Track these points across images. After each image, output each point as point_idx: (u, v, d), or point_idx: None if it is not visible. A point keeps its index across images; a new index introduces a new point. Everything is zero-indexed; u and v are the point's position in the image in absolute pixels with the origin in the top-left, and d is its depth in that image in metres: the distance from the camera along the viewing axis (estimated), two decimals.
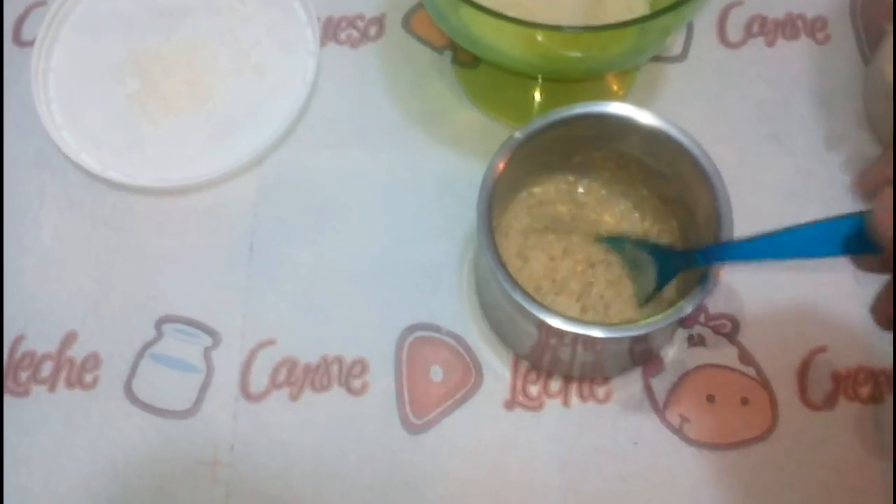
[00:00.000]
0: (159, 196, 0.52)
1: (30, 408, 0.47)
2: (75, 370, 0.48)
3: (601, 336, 0.39)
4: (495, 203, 0.42)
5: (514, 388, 0.47)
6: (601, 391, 0.47)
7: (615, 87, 0.55)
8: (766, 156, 0.52)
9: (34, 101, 0.53)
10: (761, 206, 0.48)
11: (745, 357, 0.47)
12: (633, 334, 0.40)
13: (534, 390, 0.47)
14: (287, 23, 0.56)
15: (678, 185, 0.44)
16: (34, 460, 0.46)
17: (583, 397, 0.47)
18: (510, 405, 0.47)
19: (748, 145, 0.52)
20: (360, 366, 0.48)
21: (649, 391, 0.47)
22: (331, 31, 0.57)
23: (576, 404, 0.47)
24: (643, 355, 0.47)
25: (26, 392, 0.48)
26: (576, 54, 0.43)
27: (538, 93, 0.54)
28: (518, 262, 0.46)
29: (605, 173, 0.47)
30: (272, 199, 0.52)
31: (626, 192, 0.48)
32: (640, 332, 0.40)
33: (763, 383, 0.47)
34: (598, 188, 0.48)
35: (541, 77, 0.53)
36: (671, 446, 0.46)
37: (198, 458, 0.46)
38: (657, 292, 0.44)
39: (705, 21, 0.56)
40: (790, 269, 0.49)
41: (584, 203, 0.48)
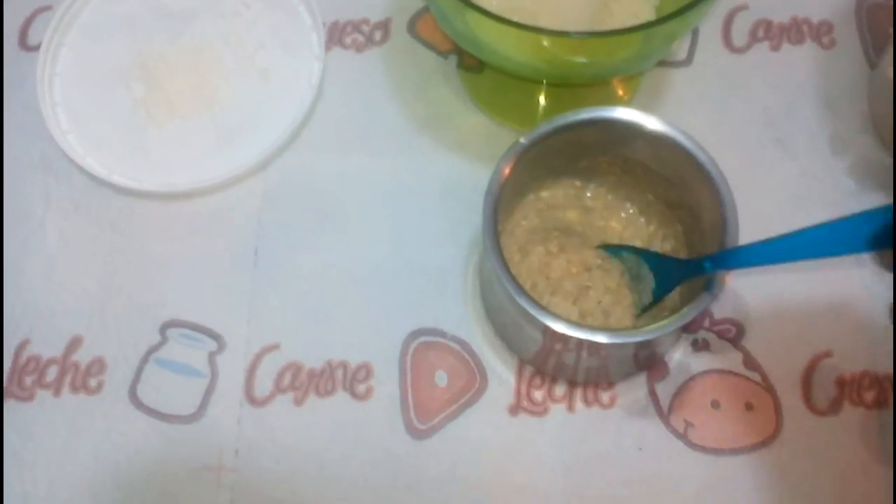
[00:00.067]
0: (164, 200, 0.52)
1: (34, 412, 0.47)
2: (80, 375, 0.48)
3: (606, 341, 0.39)
4: (500, 207, 0.42)
5: (518, 393, 0.47)
6: (605, 396, 0.47)
7: (620, 92, 0.55)
8: (771, 160, 0.52)
9: (40, 105, 0.53)
10: (766, 210, 0.48)
11: (749, 362, 0.47)
12: (638, 340, 0.40)
13: (538, 395, 0.47)
14: (292, 27, 0.56)
15: (683, 189, 0.44)
16: (38, 465, 0.46)
17: (587, 402, 0.47)
18: (514, 410, 0.47)
19: (753, 150, 0.52)
20: (365, 370, 0.48)
21: (654, 396, 0.47)
22: (336, 35, 0.57)
23: (580, 409, 0.47)
24: (648, 360, 0.47)
25: (31, 396, 0.48)
26: (581, 60, 0.44)
27: (543, 97, 0.54)
28: (518, 257, 0.46)
29: (611, 178, 0.47)
30: (277, 203, 0.52)
31: (631, 197, 0.48)
32: (644, 338, 0.40)
33: (768, 388, 0.47)
34: (605, 193, 0.48)
35: (546, 82, 0.53)
36: (675, 451, 0.46)
37: (202, 463, 0.46)
38: (654, 304, 0.44)
39: (710, 26, 0.56)
40: (795, 273, 0.49)
41: (592, 208, 0.48)
